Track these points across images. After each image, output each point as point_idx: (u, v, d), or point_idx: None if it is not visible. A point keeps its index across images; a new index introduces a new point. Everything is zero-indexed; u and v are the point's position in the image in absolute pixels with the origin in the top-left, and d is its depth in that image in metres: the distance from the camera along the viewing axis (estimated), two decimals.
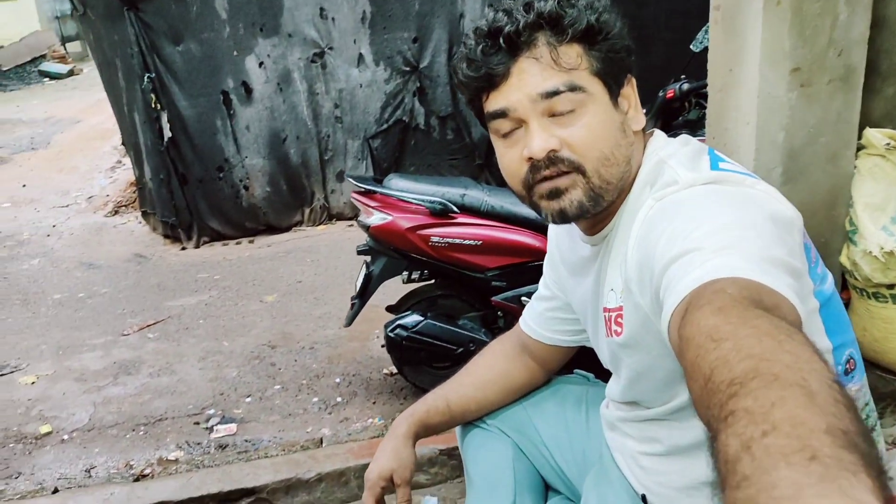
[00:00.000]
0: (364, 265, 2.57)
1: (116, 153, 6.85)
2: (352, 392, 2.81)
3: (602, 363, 1.10)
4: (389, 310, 2.62)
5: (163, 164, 4.64)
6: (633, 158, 0.94)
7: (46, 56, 12.88)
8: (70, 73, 12.37)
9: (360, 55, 4.59)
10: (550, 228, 1.18)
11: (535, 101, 0.89)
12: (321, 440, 2.43)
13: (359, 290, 2.55)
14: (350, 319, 2.61)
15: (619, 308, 0.94)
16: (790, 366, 0.49)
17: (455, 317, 2.53)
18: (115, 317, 3.77)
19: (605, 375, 1.16)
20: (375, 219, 2.42)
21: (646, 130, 1.00)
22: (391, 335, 2.45)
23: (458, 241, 2.37)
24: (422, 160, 4.89)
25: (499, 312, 2.49)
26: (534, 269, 2.31)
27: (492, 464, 1.23)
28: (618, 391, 1.06)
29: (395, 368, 2.70)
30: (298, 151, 4.78)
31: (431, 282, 2.60)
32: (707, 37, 2.05)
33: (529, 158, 0.90)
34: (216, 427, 2.66)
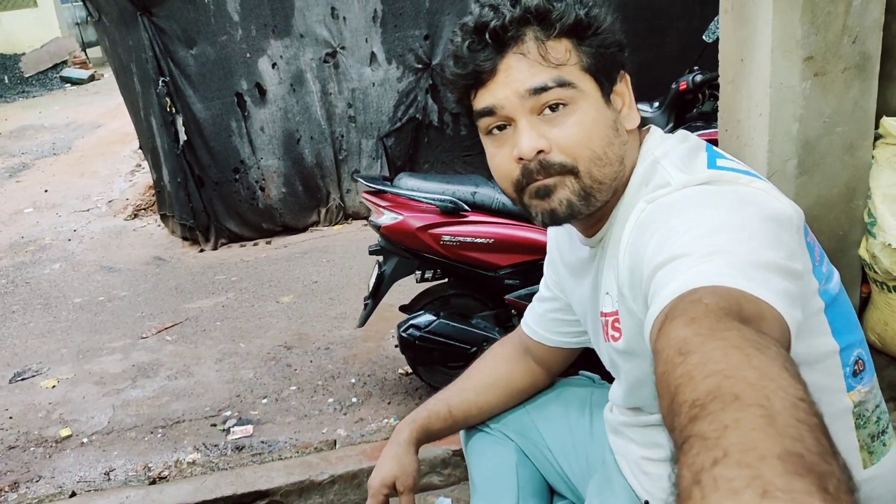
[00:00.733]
0: (376, 265, 2.56)
1: (136, 157, 6.91)
2: (367, 392, 2.81)
3: (604, 366, 1.07)
4: (403, 309, 2.61)
5: (179, 167, 4.67)
6: (627, 157, 0.92)
7: (68, 62, 13.04)
8: (91, 79, 12.51)
9: (373, 54, 4.58)
10: (549, 229, 1.15)
11: (524, 98, 0.86)
12: (334, 442, 2.43)
13: (371, 291, 2.54)
14: (363, 320, 2.61)
15: (615, 313, 0.92)
16: (753, 383, 0.47)
17: (468, 316, 2.51)
18: (134, 320, 3.81)
19: (611, 376, 1.13)
20: (386, 218, 2.41)
21: (652, 124, 0.98)
22: (404, 335, 2.44)
23: (470, 240, 2.36)
24: (436, 157, 4.88)
25: (512, 311, 2.47)
26: None
27: (495, 468, 1.21)
28: (620, 396, 1.04)
29: (410, 368, 2.69)
30: (313, 152, 4.79)
31: (444, 281, 2.58)
32: (719, 27, 2.01)
33: (520, 159, 0.87)
34: (233, 429, 2.67)
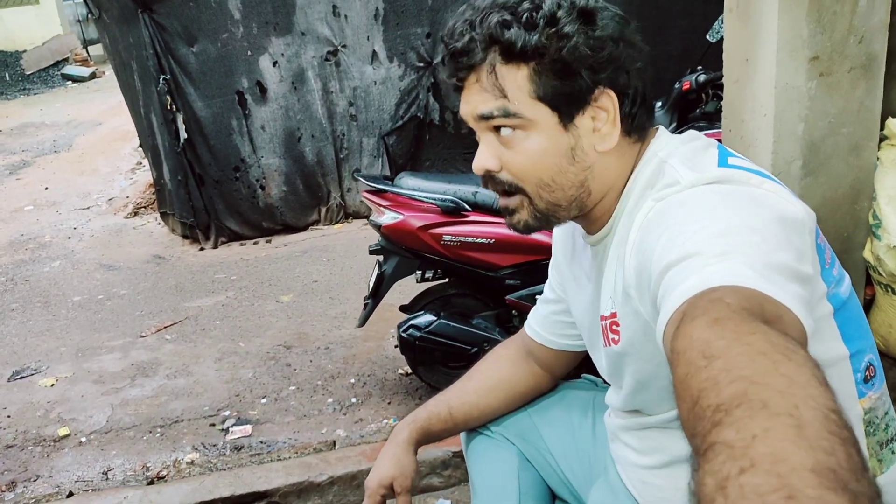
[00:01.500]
0: (377, 265, 2.54)
1: (136, 155, 6.90)
2: (367, 392, 2.80)
3: (601, 374, 1.06)
4: (403, 309, 2.59)
5: (180, 166, 4.65)
6: (608, 173, 0.91)
7: (69, 59, 13.01)
8: (92, 76, 12.49)
9: (374, 52, 4.57)
10: (555, 231, 1.14)
11: (478, 121, 0.90)
12: (334, 442, 2.42)
13: (372, 290, 2.53)
14: (363, 320, 2.60)
15: (614, 315, 0.91)
16: (782, 391, 0.45)
17: (469, 316, 2.50)
18: (134, 318, 3.79)
19: None
20: (387, 218, 2.40)
21: (660, 125, 0.96)
22: (404, 335, 2.43)
23: (471, 240, 2.34)
24: (437, 156, 4.86)
25: (513, 311, 2.46)
26: (548, 267, 2.27)
27: (496, 472, 1.20)
28: (619, 401, 1.02)
29: (410, 369, 2.68)
30: (314, 150, 4.77)
31: (445, 281, 2.57)
32: (723, 26, 1.99)
33: None
34: (232, 428, 2.66)
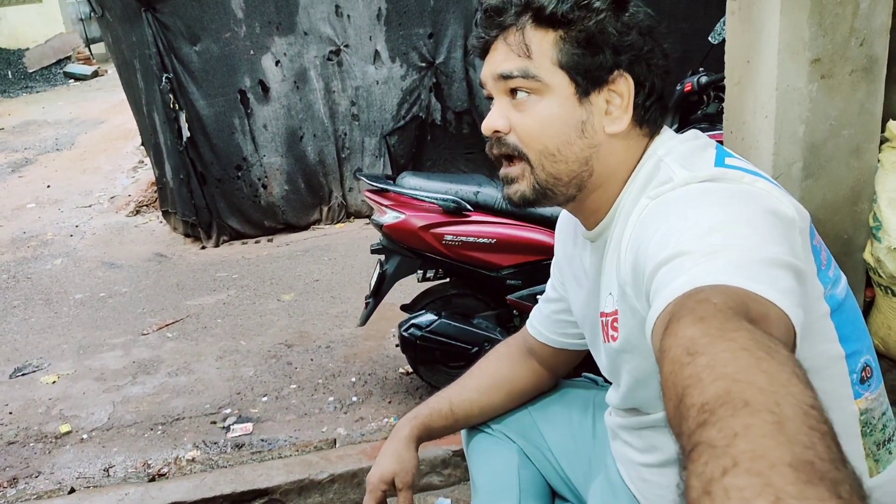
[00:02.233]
0: (378, 264, 2.55)
1: (138, 153, 6.91)
2: (367, 391, 2.81)
3: (602, 372, 1.06)
4: (404, 309, 2.60)
5: (182, 164, 4.66)
6: (612, 159, 0.91)
7: (71, 58, 13.01)
8: (95, 75, 12.49)
9: (376, 52, 4.58)
10: (557, 230, 1.15)
11: (497, 80, 0.91)
12: (334, 441, 2.43)
13: (373, 290, 2.54)
14: (364, 319, 2.60)
15: (615, 312, 0.92)
16: (763, 388, 0.46)
17: (470, 316, 2.50)
18: (135, 316, 3.80)
19: None
20: (388, 217, 2.41)
21: (665, 125, 0.96)
22: (405, 335, 2.43)
23: (472, 240, 2.35)
24: (439, 156, 4.87)
25: (514, 311, 2.47)
26: (549, 267, 2.25)
27: (497, 470, 1.20)
28: (617, 398, 1.03)
29: (411, 368, 2.69)
30: (316, 150, 4.78)
31: (446, 280, 2.57)
32: (725, 28, 2.00)
33: None
34: (233, 426, 2.67)
